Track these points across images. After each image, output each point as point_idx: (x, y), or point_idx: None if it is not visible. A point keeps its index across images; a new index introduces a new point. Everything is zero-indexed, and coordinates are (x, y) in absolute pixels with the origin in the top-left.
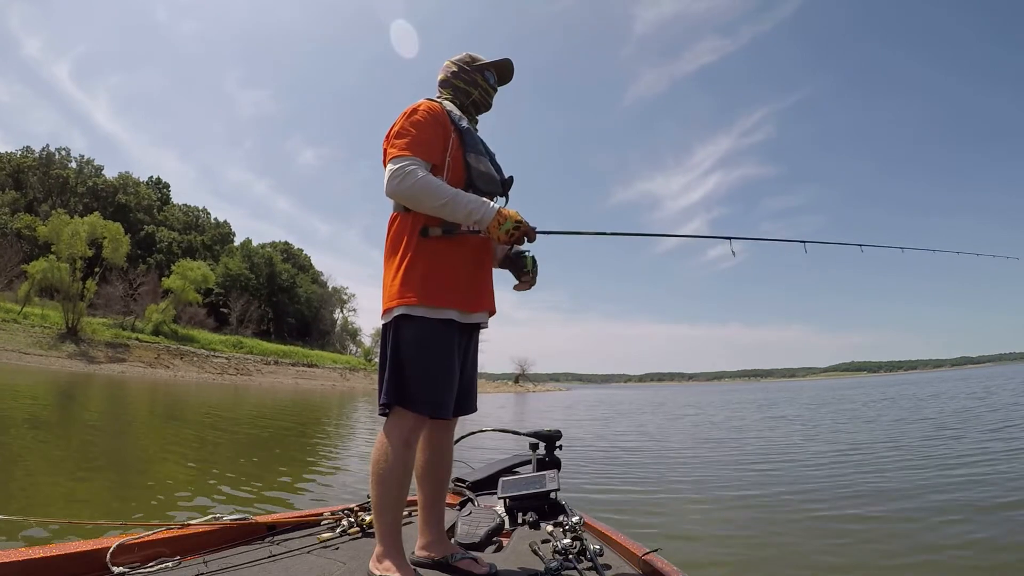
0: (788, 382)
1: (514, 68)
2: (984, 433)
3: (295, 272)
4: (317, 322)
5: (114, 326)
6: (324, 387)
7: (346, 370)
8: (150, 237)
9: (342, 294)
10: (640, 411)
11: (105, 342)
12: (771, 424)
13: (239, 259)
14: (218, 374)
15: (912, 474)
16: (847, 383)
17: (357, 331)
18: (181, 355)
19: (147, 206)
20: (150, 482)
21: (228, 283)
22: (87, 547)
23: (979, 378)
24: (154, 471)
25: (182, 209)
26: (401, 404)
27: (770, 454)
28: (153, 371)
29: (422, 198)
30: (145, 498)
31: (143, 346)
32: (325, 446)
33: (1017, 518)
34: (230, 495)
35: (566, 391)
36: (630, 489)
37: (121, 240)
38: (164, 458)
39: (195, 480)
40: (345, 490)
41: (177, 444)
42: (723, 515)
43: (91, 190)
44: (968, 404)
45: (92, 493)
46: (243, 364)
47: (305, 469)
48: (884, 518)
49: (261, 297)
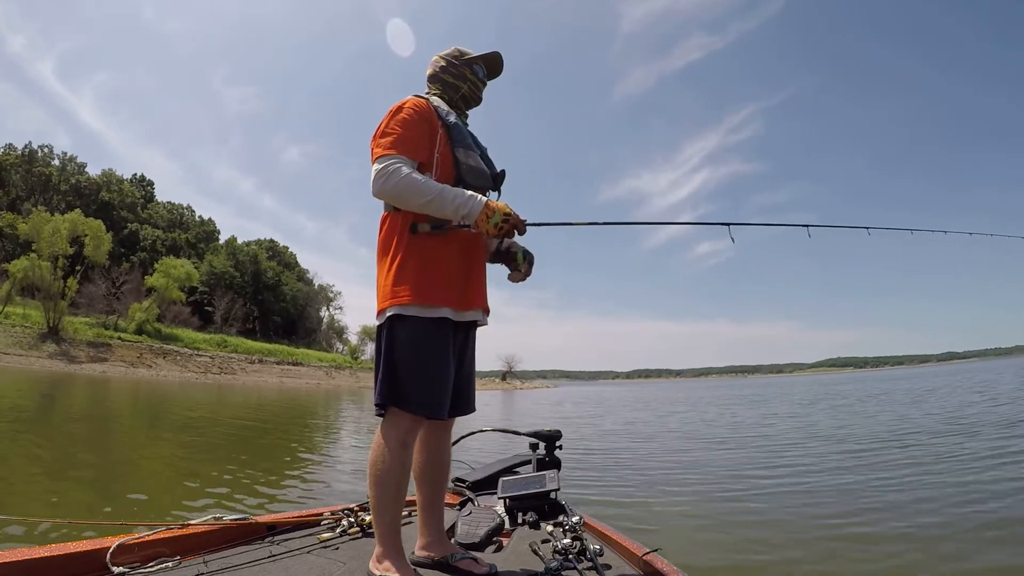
0: (777, 378)
1: (503, 61)
2: (998, 429)
3: (280, 270)
4: (303, 320)
5: (96, 325)
6: (309, 386)
7: (332, 368)
8: (134, 235)
9: (328, 292)
10: (630, 408)
11: (87, 341)
12: (768, 421)
13: (224, 257)
14: (201, 373)
15: (929, 471)
16: (837, 378)
17: (343, 329)
18: (164, 354)
19: (131, 204)
20: (127, 484)
21: (213, 281)
22: (87, 547)
23: (967, 372)
24: (128, 473)
25: (166, 207)
26: (396, 405)
27: (771, 453)
28: (135, 370)
29: (408, 196)
30: (124, 501)
31: (125, 345)
32: (305, 448)
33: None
34: (213, 495)
35: (554, 388)
36: (624, 498)
37: (102, 238)
38: (140, 459)
39: (174, 483)
40: (327, 493)
41: (153, 445)
42: (724, 517)
43: (74, 188)
44: (970, 398)
45: (69, 495)
46: (227, 363)
47: (286, 468)
48: (896, 522)
49: (246, 295)
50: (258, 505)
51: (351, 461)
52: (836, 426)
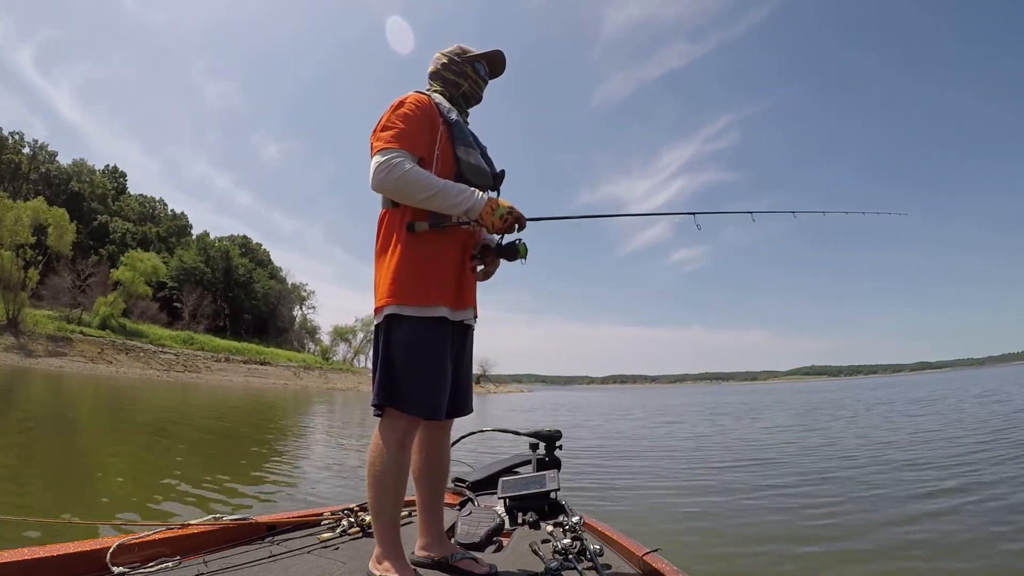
0: (754, 385)
1: (506, 60)
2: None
3: (253, 267)
4: (275, 319)
5: (58, 319)
6: (276, 386)
7: (300, 369)
8: (103, 227)
9: (301, 291)
10: (609, 416)
11: (47, 335)
12: (769, 433)
13: (194, 252)
14: (164, 371)
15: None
16: (819, 386)
17: (316, 329)
18: (127, 350)
19: (101, 195)
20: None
21: (182, 277)
22: (87, 547)
23: (944, 381)
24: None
25: (138, 200)
26: (393, 405)
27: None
28: (94, 366)
29: (409, 190)
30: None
31: (87, 340)
32: (264, 453)
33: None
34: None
35: (528, 392)
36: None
37: (66, 227)
38: (75, 462)
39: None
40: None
41: (82, 441)
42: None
43: (44, 176)
44: (976, 408)
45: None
46: (192, 361)
47: (248, 471)
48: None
49: (217, 292)
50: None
51: (303, 478)
52: (855, 439)
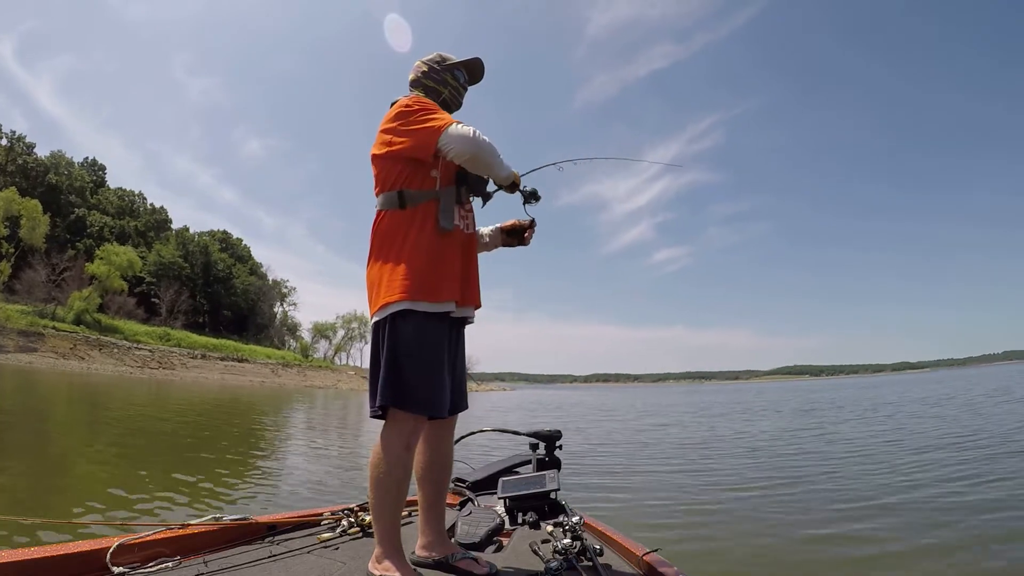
0: (740, 384)
1: (484, 67)
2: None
3: (232, 262)
4: (255, 315)
5: (31, 313)
6: (252, 383)
7: (278, 366)
8: (80, 221)
9: (282, 287)
10: (593, 418)
11: (18, 330)
12: (770, 433)
13: (173, 247)
14: (138, 367)
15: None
16: (809, 385)
17: (297, 326)
18: (100, 346)
19: (79, 188)
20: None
21: (160, 271)
22: (87, 547)
23: (928, 382)
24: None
25: (117, 193)
26: (397, 405)
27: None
28: (65, 362)
29: (490, 152)
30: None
31: (59, 335)
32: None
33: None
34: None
35: (511, 391)
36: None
37: (39, 219)
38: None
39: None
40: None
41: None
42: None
43: (20, 168)
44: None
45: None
46: (167, 357)
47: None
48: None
49: (195, 288)
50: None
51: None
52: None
